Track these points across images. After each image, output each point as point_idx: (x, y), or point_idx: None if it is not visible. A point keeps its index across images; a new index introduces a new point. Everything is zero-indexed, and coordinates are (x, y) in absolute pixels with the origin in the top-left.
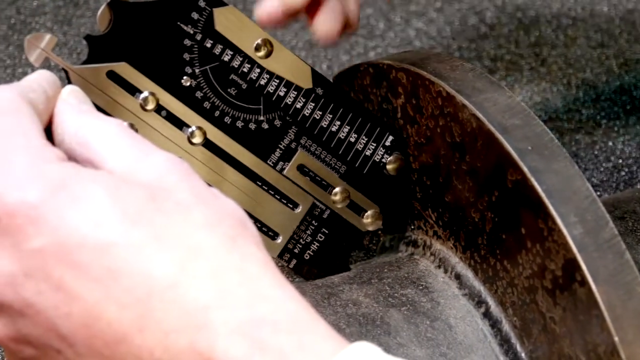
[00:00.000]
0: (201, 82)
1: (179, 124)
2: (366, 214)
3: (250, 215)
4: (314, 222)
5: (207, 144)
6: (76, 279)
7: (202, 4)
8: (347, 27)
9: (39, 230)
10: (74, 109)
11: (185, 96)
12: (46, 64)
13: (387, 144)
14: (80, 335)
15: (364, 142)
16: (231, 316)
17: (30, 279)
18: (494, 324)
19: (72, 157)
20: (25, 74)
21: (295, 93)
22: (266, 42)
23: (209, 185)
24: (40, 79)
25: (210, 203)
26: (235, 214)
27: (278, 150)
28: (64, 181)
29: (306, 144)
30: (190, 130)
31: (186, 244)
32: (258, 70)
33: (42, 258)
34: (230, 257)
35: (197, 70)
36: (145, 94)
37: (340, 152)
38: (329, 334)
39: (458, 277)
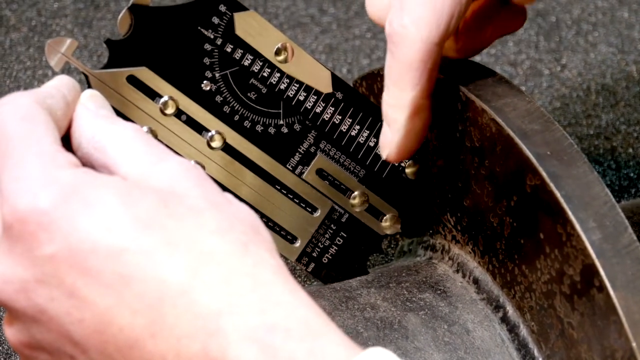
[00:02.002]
0: (221, 86)
1: (199, 129)
2: (385, 217)
3: (269, 219)
4: (332, 225)
5: (227, 148)
6: (88, 285)
7: (222, 8)
8: None
9: (50, 236)
10: (91, 113)
11: (205, 100)
12: (66, 68)
13: None
14: (93, 341)
15: None
16: (243, 322)
17: (42, 285)
18: (512, 329)
19: (88, 162)
20: (45, 75)
21: (315, 97)
22: (286, 47)
23: (228, 189)
24: (59, 85)
25: (223, 208)
26: (248, 220)
27: (297, 154)
28: (76, 187)
29: (325, 148)
30: (209, 134)
31: (198, 250)
32: (278, 74)
33: (55, 264)
34: (243, 262)
35: (217, 75)
36: (165, 98)
37: (359, 156)
38: (342, 340)
39: (476, 281)
